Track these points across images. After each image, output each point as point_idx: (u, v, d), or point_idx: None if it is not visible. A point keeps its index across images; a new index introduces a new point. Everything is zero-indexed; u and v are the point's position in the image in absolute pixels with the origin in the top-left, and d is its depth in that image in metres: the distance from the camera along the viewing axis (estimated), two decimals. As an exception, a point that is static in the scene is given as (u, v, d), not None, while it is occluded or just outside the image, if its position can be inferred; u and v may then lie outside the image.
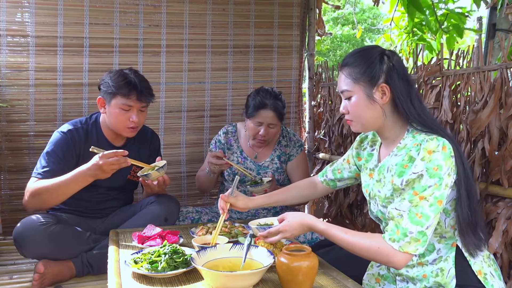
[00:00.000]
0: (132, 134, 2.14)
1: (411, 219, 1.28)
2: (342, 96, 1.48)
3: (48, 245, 1.95)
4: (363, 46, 1.57)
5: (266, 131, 2.32)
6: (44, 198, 1.98)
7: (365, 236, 1.35)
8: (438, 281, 1.38)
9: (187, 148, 3.06)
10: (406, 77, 1.43)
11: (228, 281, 1.23)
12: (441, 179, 1.28)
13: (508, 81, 1.86)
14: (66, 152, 2.07)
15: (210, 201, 3.13)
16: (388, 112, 1.44)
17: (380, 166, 1.49)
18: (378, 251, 1.30)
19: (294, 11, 3.18)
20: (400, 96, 1.40)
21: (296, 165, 2.52)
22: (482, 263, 1.40)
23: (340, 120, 2.99)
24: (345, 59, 1.48)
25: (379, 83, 1.40)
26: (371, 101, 1.41)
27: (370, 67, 1.41)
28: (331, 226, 1.41)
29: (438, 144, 1.29)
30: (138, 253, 1.52)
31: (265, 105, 2.29)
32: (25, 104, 2.70)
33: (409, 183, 1.30)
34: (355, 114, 1.45)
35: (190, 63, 3.00)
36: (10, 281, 2.08)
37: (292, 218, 1.47)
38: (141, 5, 2.85)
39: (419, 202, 1.28)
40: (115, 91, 2.04)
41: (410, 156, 1.33)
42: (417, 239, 1.27)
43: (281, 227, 1.46)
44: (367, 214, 2.80)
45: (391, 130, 1.46)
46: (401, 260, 1.29)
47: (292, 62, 3.24)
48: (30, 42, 2.67)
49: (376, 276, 1.56)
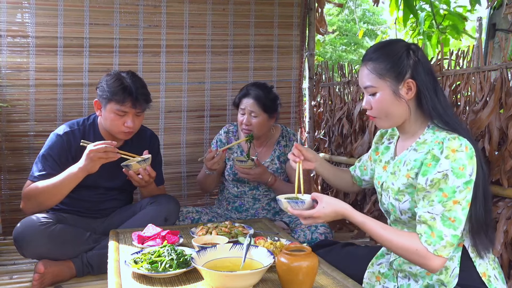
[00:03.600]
0: (127, 137, 2.13)
1: (444, 222, 1.26)
2: (366, 92, 1.45)
3: (48, 245, 1.95)
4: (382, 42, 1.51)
5: (248, 120, 2.34)
6: (40, 200, 1.99)
7: (403, 235, 1.32)
8: (441, 279, 1.37)
9: (187, 148, 3.06)
10: (431, 71, 1.41)
11: (228, 281, 1.23)
12: (469, 181, 1.26)
13: (508, 81, 1.86)
14: (62, 155, 2.07)
15: (210, 201, 3.13)
16: (412, 107, 1.41)
17: (397, 159, 1.48)
18: (416, 253, 1.28)
19: (294, 11, 3.18)
20: (426, 91, 1.37)
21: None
22: (487, 265, 1.39)
23: (340, 120, 2.99)
24: (368, 53, 1.44)
25: (405, 79, 1.38)
26: (397, 97, 1.38)
27: (397, 63, 1.38)
28: (369, 219, 1.37)
29: (461, 144, 1.28)
30: (138, 253, 1.52)
31: (247, 94, 2.36)
32: (25, 104, 2.70)
33: (435, 183, 1.28)
34: (379, 111, 1.42)
35: (190, 63, 3.00)
36: (10, 281, 2.08)
37: (328, 204, 1.39)
38: (141, 5, 2.85)
39: (453, 207, 1.26)
40: (110, 97, 2.01)
41: (433, 155, 1.31)
42: (452, 243, 1.26)
43: (315, 213, 1.40)
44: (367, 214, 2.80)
45: (412, 125, 1.44)
46: (438, 264, 1.27)
47: (292, 62, 3.24)
48: (30, 43, 2.67)
49: (376, 274, 1.56)
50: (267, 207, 2.49)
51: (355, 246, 1.79)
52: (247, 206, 2.49)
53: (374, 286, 1.55)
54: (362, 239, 2.85)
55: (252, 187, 2.48)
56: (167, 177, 2.66)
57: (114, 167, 2.10)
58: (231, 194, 2.53)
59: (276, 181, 2.40)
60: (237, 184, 2.50)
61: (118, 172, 2.09)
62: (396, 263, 1.50)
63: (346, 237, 2.95)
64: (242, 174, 2.34)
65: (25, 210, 2.04)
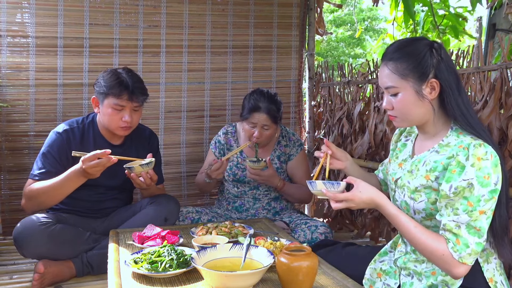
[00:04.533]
0: (125, 133, 2.13)
1: (469, 230, 1.26)
2: (387, 92, 1.41)
3: (48, 245, 1.95)
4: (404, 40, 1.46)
5: (260, 133, 2.33)
6: (41, 199, 1.99)
7: (432, 237, 1.30)
8: (446, 280, 1.37)
9: (187, 148, 3.06)
10: (454, 70, 1.37)
11: (228, 281, 1.23)
12: (494, 190, 1.25)
13: (508, 81, 1.86)
14: (62, 153, 2.07)
15: (210, 201, 3.14)
16: (436, 107, 1.38)
17: (415, 158, 1.45)
18: (442, 258, 1.27)
19: (294, 11, 3.19)
20: (449, 90, 1.34)
21: (297, 165, 2.52)
22: (494, 271, 1.39)
23: (340, 120, 2.99)
24: (389, 53, 1.40)
25: (429, 79, 1.34)
26: (420, 97, 1.35)
27: (420, 62, 1.34)
28: (403, 214, 1.34)
29: (486, 152, 1.26)
30: (138, 253, 1.52)
31: (258, 107, 2.30)
32: (25, 104, 2.71)
33: (459, 191, 1.26)
34: (402, 111, 1.39)
35: (190, 63, 3.00)
36: (10, 281, 2.08)
37: (364, 189, 1.36)
38: (141, 6, 2.85)
39: (479, 217, 1.25)
40: (107, 91, 2.04)
41: (458, 161, 1.28)
42: (477, 251, 1.25)
43: (349, 196, 1.36)
44: (367, 214, 2.80)
45: (433, 126, 1.41)
46: (461, 272, 1.26)
47: (292, 62, 3.24)
48: (30, 43, 2.67)
49: (378, 271, 1.56)
50: (267, 207, 2.49)
51: (356, 246, 1.79)
52: (247, 206, 2.49)
53: (375, 282, 1.54)
54: (362, 239, 2.85)
55: (252, 187, 2.48)
56: (167, 177, 2.66)
57: (115, 165, 2.11)
58: (231, 194, 2.53)
59: (285, 185, 2.41)
60: (237, 184, 2.50)
61: (118, 171, 2.09)
62: (400, 261, 1.49)
63: (346, 237, 2.96)
64: (253, 175, 2.31)
65: (25, 208, 2.05)
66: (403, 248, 1.52)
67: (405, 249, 1.51)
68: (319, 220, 2.37)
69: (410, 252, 1.48)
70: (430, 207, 1.37)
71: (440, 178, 1.33)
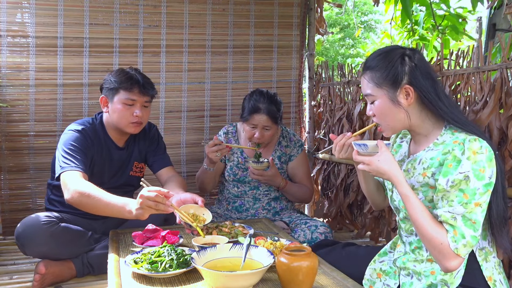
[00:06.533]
0: (136, 130, 2.12)
1: (465, 222, 1.27)
2: (367, 99, 1.48)
3: (50, 244, 1.95)
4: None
5: (261, 134, 2.33)
6: (87, 207, 1.83)
7: (435, 224, 1.31)
8: (445, 279, 1.37)
9: (187, 148, 3.06)
10: (430, 74, 1.41)
11: (228, 281, 1.23)
12: (489, 183, 1.27)
13: (508, 81, 1.86)
14: (86, 148, 2.04)
15: (210, 201, 3.13)
16: (416, 111, 1.42)
17: (411, 158, 1.48)
18: (439, 247, 1.28)
19: (294, 11, 3.19)
20: (427, 94, 1.38)
21: (298, 165, 2.52)
22: (493, 269, 1.39)
23: (340, 120, 2.99)
24: (367, 62, 1.47)
25: (402, 85, 1.39)
26: (395, 104, 1.40)
27: (391, 71, 1.39)
28: (414, 196, 1.34)
29: (481, 146, 1.28)
30: (138, 253, 1.52)
31: (258, 109, 2.29)
32: (25, 104, 2.71)
33: (455, 184, 1.28)
34: (380, 118, 1.45)
35: (190, 63, 3.00)
36: (10, 281, 2.08)
37: (384, 161, 1.37)
38: (141, 5, 2.85)
39: (474, 209, 1.27)
40: (118, 86, 2.05)
41: (454, 156, 1.31)
42: (472, 244, 1.26)
43: (366, 160, 1.39)
44: (367, 214, 2.80)
45: (421, 128, 1.44)
46: (454, 265, 1.28)
47: (292, 62, 3.24)
48: (30, 43, 2.67)
49: (377, 271, 1.57)
50: (267, 207, 2.49)
51: (356, 246, 1.79)
52: (247, 206, 2.49)
53: (375, 282, 1.55)
54: (362, 239, 2.86)
55: (252, 187, 2.48)
56: (167, 177, 2.66)
57: (116, 165, 2.11)
58: (231, 194, 2.53)
59: (287, 184, 2.42)
60: (237, 184, 2.50)
61: (120, 169, 2.08)
62: (400, 261, 1.50)
63: (346, 237, 2.96)
64: (256, 175, 2.32)
65: (75, 204, 1.85)
66: (402, 249, 1.53)
67: (404, 249, 1.52)
68: (319, 220, 2.37)
69: (410, 252, 1.48)
70: (428, 205, 1.38)
71: (436, 174, 1.35)
